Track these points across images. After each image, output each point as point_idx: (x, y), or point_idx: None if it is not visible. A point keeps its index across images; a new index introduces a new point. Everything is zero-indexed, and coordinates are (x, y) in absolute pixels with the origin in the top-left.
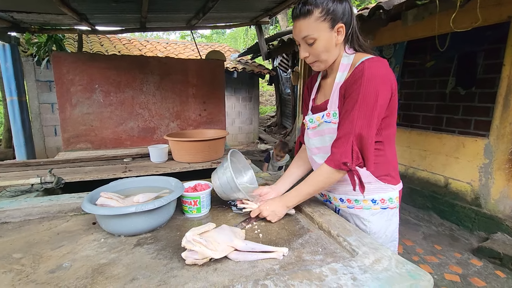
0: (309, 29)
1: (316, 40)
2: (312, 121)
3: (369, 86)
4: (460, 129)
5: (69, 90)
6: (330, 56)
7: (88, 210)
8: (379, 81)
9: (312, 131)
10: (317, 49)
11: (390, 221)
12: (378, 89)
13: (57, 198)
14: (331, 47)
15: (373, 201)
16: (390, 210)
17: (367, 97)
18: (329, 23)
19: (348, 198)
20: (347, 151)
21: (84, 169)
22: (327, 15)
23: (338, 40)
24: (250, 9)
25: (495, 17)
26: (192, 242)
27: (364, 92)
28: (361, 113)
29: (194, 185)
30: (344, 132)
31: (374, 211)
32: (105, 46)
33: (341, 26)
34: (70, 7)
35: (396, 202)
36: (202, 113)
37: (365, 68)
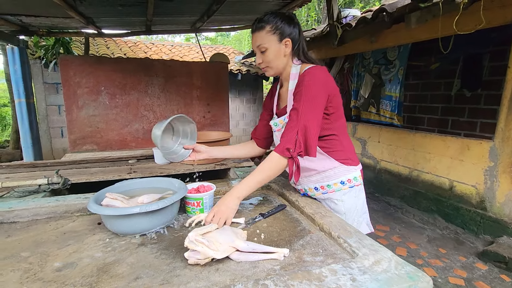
0: (262, 40)
1: (267, 49)
2: (276, 125)
3: (310, 88)
4: (465, 131)
5: (75, 93)
6: (279, 64)
7: (93, 211)
8: (317, 84)
9: (279, 132)
10: (268, 57)
11: (358, 197)
12: (317, 90)
13: (63, 199)
14: (279, 57)
15: (342, 182)
16: (357, 187)
17: (308, 97)
18: (278, 37)
19: (321, 185)
20: (291, 139)
21: (90, 170)
22: (276, 30)
23: (286, 51)
24: (254, 11)
25: (499, 19)
26: (195, 242)
27: (306, 93)
28: (304, 109)
29: (197, 186)
30: (291, 124)
31: (345, 191)
32: (111, 49)
33: (288, 40)
34: (77, 11)
35: (360, 180)
36: (206, 115)
37: (306, 74)
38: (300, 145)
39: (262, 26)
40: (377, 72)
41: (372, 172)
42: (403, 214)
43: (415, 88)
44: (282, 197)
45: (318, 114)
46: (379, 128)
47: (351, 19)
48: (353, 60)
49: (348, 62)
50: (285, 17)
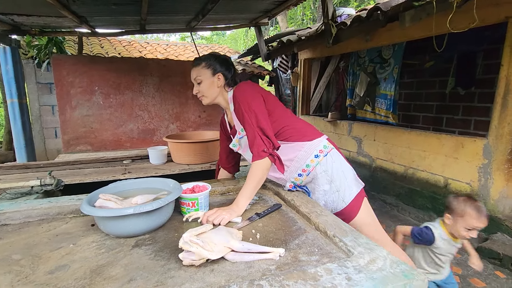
0: (198, 73)
1: (202, 81)
2: (235, 146)
3: (243, 101)
4: (460, 129)
5: (69, 92)
6: (212, 94)
7: (86, 212)
8: (247, 93)
9: (240, 150)
10: (202, 87)
11: (337, 161)
12: (249, 100)
13: (56, 200)
14: (213, 87)
15: (316, 156)
16: (330, 153)
17: (247, 107)
18: (211, 71)
19: (302, 169)
20: (258, 143)
21: (83, 171)
22: (209, 66)
23: (219, 83)
24: (249, 10)
25: (493, 17)
26: (189, 243)
27: (244, 105)
28: (250, 117)
29: (192, 186)
30: (249, 134)
31: (322, 162)
32: (105, 48)
33: (220, 75)
34: (70, 10)
35: (330, 146)
36: (201, 115)
37: (236, 93)
38: (268, 142)
39: (198, 62)
40: (372, 71)
41: (368, 171)
42: (399, 212)
43: (410, 86)
44: (277, 196)
45: (262, 115)
46: (375, 127)
47: (346, 17)
48: (349, 59)
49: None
50: (218, 58)
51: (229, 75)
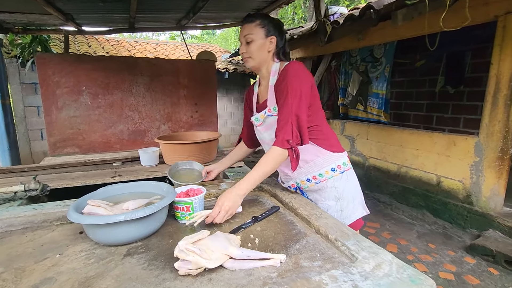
0: (250, 31)
1: (253, 40)
2: (257, 120)
3: (294, 81)
4: (450, 127)
5: (54, 93)
6: (260, 57)
7: (74, 220)
8: (301, 76)
9: (261, 127)
10: (251, 48)
11: (350, 181)
12: (301, 82)
13: (41, 207)
14: (263, 50)
15: (332, 169)
16: (347, 172)
17: (294, 88)
18: (265, 32)
19: (313, 175)
20: (287, 130)
21: (71, 175)
22: (264, 26)
23: (269, 48)
24: (241, 9)
25: (482, 16)
26: (185, 251)
27: (292, 85)
28: (293, 100)
29: (187, 190)
30: (283, 117)
31: (336, 177)
32: (93, 47)
33: (273, 38)
34: (55, 6)
35: (349, 164)
36: (193, 115)
37: (288, 68)
38: (296, 135)
39: (252, 19)
40: (364, 70)
41: (361, 169)
42: (392, 211)
43: (400, 85)
44: (275, 198)
45: (305, 104)
46: (367, 126)
47: (339, 16)
48: (340, 58)
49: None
50: (274, 21)
51: (281, 44)
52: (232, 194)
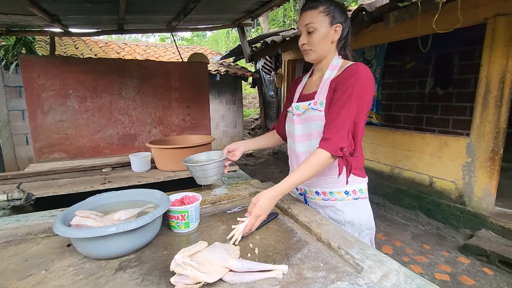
0: (312, 19)
1: (315, 30)
2: (298, 108)
3: (362, 83)
4: (439, 128)
5: (40, 96)
6: (323, 49)
7: (61, 233)
8: (369, 81)
9: (298, 117)
10: (314, 38)
11: (362, 211)
12: (367, 90)
13: (25, 218)
14: (326, 41)
15: (346, 192)
16: (361, 200)
17: (361, 91)
18: (330, 20)
19: (323, 191)
20: (343, 136)
21: (58, 182)
22: (329, 13)
23: (334, 37)
24: (232, 11)
25: (472, 19)
26: (182, 265)
27: (359, 87)
28: (355, 105)
29: (181, 197)
30: (341, 119)
31: (347, 202)
32: (80, 49)
33: (339, 26)
34: (40, 7)
35: (366, 193)
36: (186, 118)
37: (359, 68)
38: (351, 143)
39: (315, 5)
40: None
41: None
42: (386, 212)
43: (391, 87)
44: None
45: (365, 113)
46: None
47: None
48: None
49: None
50: (340, 5)
51: (345, 32)
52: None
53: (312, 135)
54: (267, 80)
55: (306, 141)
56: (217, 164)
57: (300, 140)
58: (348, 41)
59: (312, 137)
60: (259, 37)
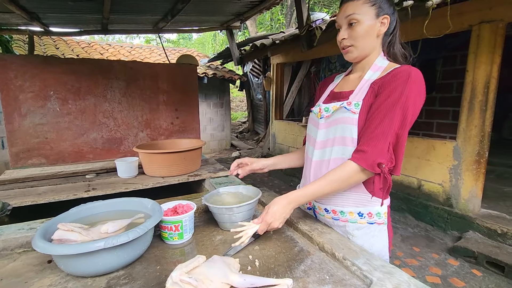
0: (356, 9)
1: (358, 22)
2: (327, 110)
3: (413, 89)
4: (423, 131)
5: (17, 98)
6: (367, 45)
7: (40, 250)
8: (421, 88)
9: (325, 120)
10: (357, 32)
11: (377, 238)
12: (420, 95)
13: (0, 231)
14: (371, 36)
15: (360, 214)
16: (378, 226)
17: (410, 98)
18: (376, 11)
19: (333, 209)
20: (383, 149)
21: (37, 190)
22: (375, 2)
23: (380, 31)
24: (221, 13)
25: (457, 25)
26: (180, 283)
27: (408, 93)
28: (402, 112)
29: (174, 206)
30: (383, 130)
31: (360, 225)
32: (61, 50)
33: (386, 17)
34: (18, 4)
35: (384, 218)
36: (174, 121)
37: (413, 72)
38: (391, 159)
39: None
40: None
41: None
42: None
43: None
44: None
45: (409, 126)
46: None
47: (321, 22)
48: (320, 64)
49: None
50: None
51: (393, 26)
52: (285, 207)
53: (336, 141)
54: (255, 83)
55: (327, 147)
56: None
57: (320, 146)
58: (397, 37)
59: (335, 143)
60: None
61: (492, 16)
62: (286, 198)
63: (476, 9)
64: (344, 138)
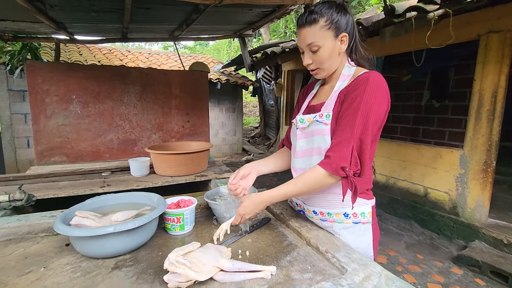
0: (315, 37)
1: (320, 47)
2: (302, 121)
3: (373, 95)
4: (435, 139)
5: (43, 101)
6: (332, 64)
7: (60, 232)
8: (382, 92)
9: (301, 131)
10: (320, 57)
11: (363, 237)
12: (380, 100)
13: (26, 218)
14: (334, 56)
15: (346, 215)
16: (362, 225)
17: (369, 104)
18: (333, 32)
19: (321, 211)
20: (346, 155)
21: (58, 184)
22: (331, 24)
23: (341, 49)
24: (234, 22)
25: (465, 35)
26: (175, 264)
27: (367, 99)
28: (361, 120)
29: (177, 201)
30: (345, 136)
31: (346, 225)
32: (84, 56)
33: (345, 36)
34: (47, 15)
35: (369, 217)
36: (185, 125)
37: (371, 77)
38: (356, 162)
39: (315, 19)
40: None
41: None
42: (381, 221)
43: None
44: (266, 209)
45: (374, 130)
46: None
47: None
48: None
49: None
50: (340, 6)
51: (352, 38)
52: (256, 201)
53: (314, 151)
54: (267, 89)
55: (306, 157)
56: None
57: (300, 155)
58: (357, 44)
59: (313, 153)
60: (259, 48)
61: (500, 26)
62: (259, 197)
63: (484, 19)
64: (320, 148)
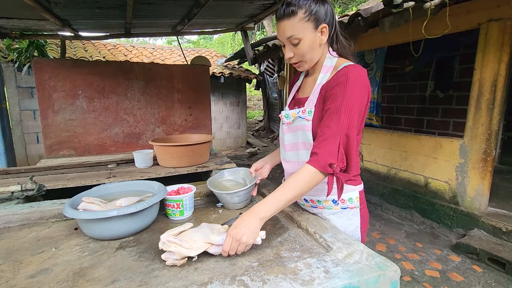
0: (294, 30)
1: (300, 40)
2: (287, 117)
3: (354, 90)
4: (440, 130)
5: (51, 97)
6: (314, 56)
7: (69, 215)
8: (362, 86)
9: (287, 126)
10: (301, 49)
11: (351, 221)
12: (361, 94)
13: (38, 205)
14: (315, 47)
15: (334, 201)
16: (350, 210)
17: (352, 100)
18: (313, 24)
19: (311, 199)
20: (332, 151)
21: (66, 176)
22: (310, 16)
23: (322, 40)
24: (235, 15)
25: (466, 24)
26: (167, 243)
27: (350, 94)
28: (346, 115)
29: (177, 188)
30: (331, 132)
31: (335, 211)
32: (90, 52)
33: (325, 27)
34: (53, 13)
35: (356, 202)
36: (188, 118)
37: (350, 72)
38: (342, 159)
39: (293, 11)
40: None
41: None
42: (382, 211)
43: (392, 89)
44: (262, 196)
45: (358, 123)
46: None
47: None
48: None
49: None
50: None
51: (332, 28)
52: (249, 220)
53: (299, 145)
54: (271, 82)
55: (294, 151)
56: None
57: (289, 149)
58: (337, 33)
59: (299, 147)
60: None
61: (500, 14)
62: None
63: (484, 7)
64: (304, 143)
